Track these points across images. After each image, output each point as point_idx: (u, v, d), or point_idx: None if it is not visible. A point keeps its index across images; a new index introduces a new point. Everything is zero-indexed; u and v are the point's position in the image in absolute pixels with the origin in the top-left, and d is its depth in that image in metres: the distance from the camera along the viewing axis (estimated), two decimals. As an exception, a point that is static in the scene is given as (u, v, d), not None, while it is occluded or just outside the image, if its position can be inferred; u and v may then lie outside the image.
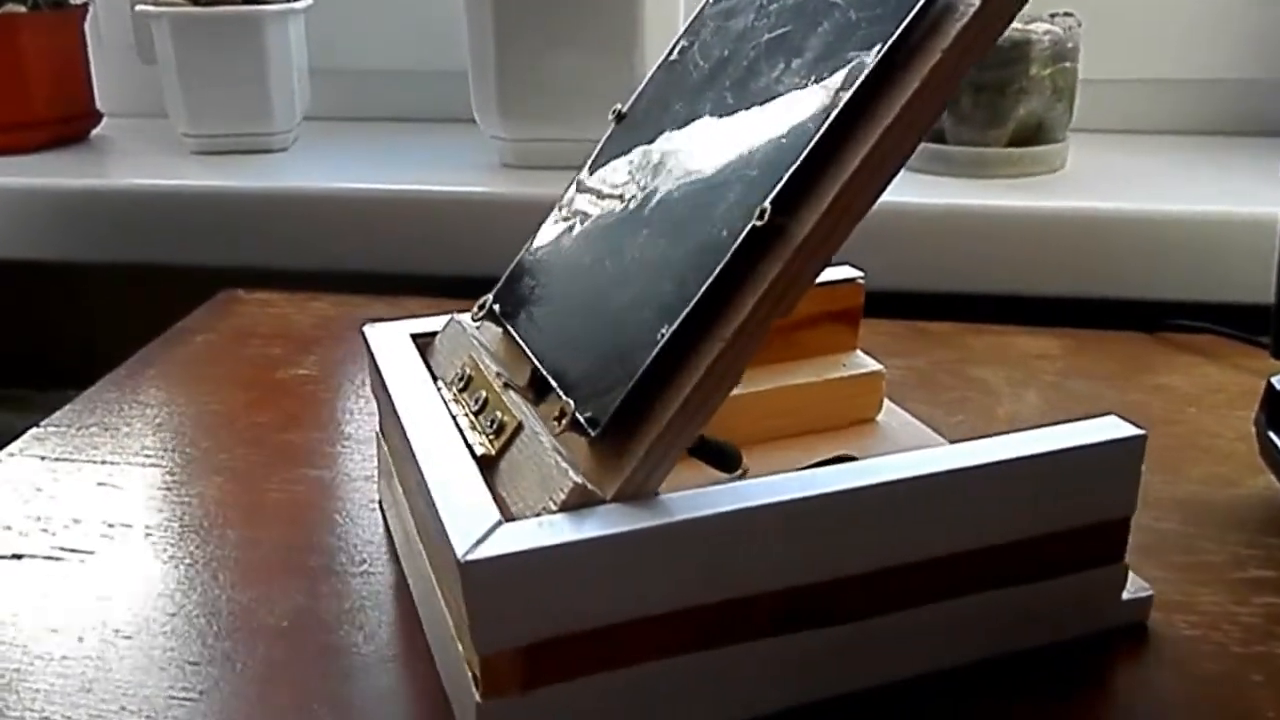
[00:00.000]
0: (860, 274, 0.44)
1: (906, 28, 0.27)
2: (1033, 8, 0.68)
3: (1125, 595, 0.35)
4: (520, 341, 0.34)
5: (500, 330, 0.36)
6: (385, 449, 0.39)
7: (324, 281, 0.69)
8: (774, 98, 0.30)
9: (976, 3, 0.27)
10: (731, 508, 0.28)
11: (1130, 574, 0.35)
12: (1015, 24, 0.69)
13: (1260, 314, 0.64)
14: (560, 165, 0.71)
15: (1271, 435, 0.42)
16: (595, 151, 0.37)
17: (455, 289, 0.67)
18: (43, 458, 0.45)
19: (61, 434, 0.47)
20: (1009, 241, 0.65)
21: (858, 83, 0.28)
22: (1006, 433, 0.32)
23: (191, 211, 0.69)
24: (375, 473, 0.43)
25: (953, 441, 0.42)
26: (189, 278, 0.68)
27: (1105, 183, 0.68)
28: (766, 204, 0.28)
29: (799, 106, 0.29)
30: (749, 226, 0.28)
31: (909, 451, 0.31)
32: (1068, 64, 0.69)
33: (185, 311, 0.61)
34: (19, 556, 0.38)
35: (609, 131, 0.37)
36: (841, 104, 0.28)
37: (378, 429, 0.40)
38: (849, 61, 0.28)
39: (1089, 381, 0.54)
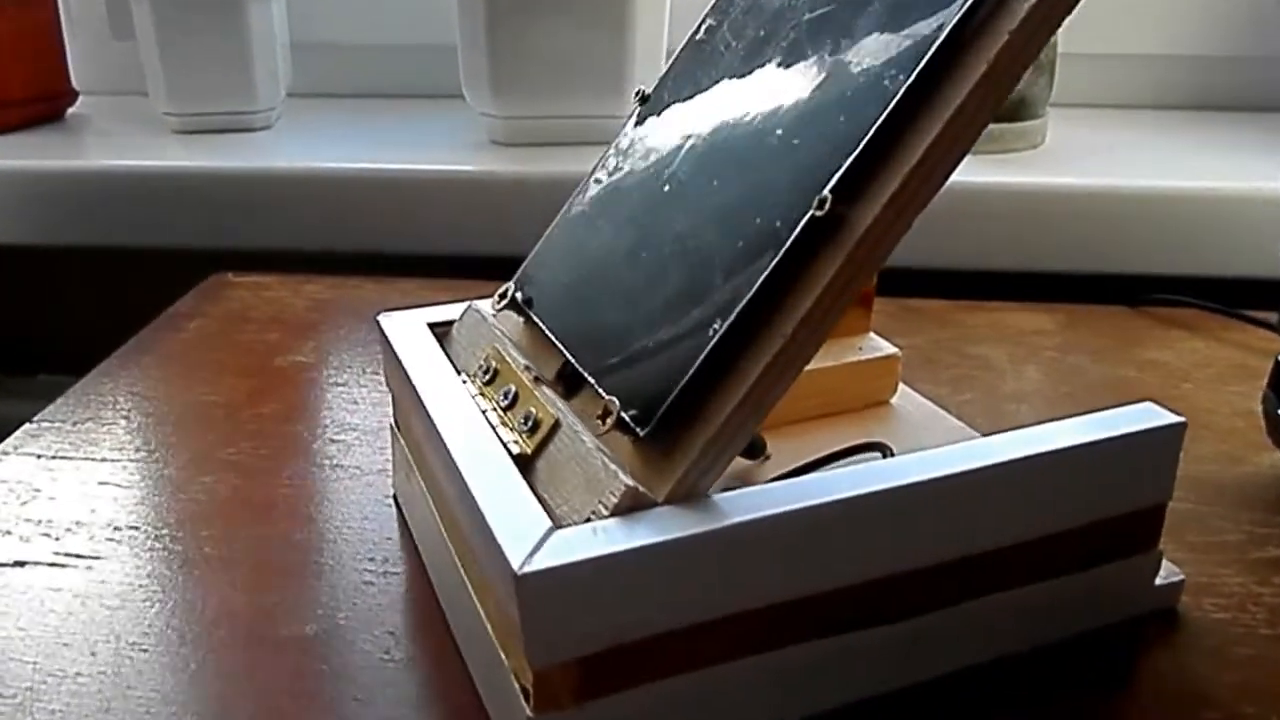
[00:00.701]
0: (875, 256, 0.42)
1: (970, 8, 0.25)
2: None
3: (1158, 580, 0.33)
4: (549, 333, 0.32)
5: (522, 320, 0.34)
6: (403, 443, 0.36)
7: (313, 262, 0.66)
8: (824, 80, 0.28)
9: (1048, -22, 0.24)
10: (789, 508, 0.26)
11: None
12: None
13: (1235, 287, 0.63)
14: (551, 142, 0.68)
15: (1284, 414, 0.40)
16: (620, 133, 0.35)
17: (448, 268, 0.64)
18: (39, 455, 0.41)
19: (57, 429, 0.43)
20: (989, 217, 0.63)
21: (920, 65, 0.25)
22: (1048, 420, 0.30)
23: (174, 193, 0.65)
24: (388, 465, 0.41)
25: (966, 422, 0.41)
26: (172, 261, 0.64)
27: (1083, 158, 0.67)
28: (827, 193, 0.25)
29: (854, 90, 0.27)
30: (808, 216, 0.25)
31: (953, 444, 0.29)
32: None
33: (169, 296, 0.57)
34: (21, 564, 0.35)
35: (633, 112, 0.35)
36: (904, 88, 0.25)
37: (391, 421, 0.38)
38: (907, 43, 0.26)
39: (1085, 357, 0.52)
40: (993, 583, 0.30)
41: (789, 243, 0.26)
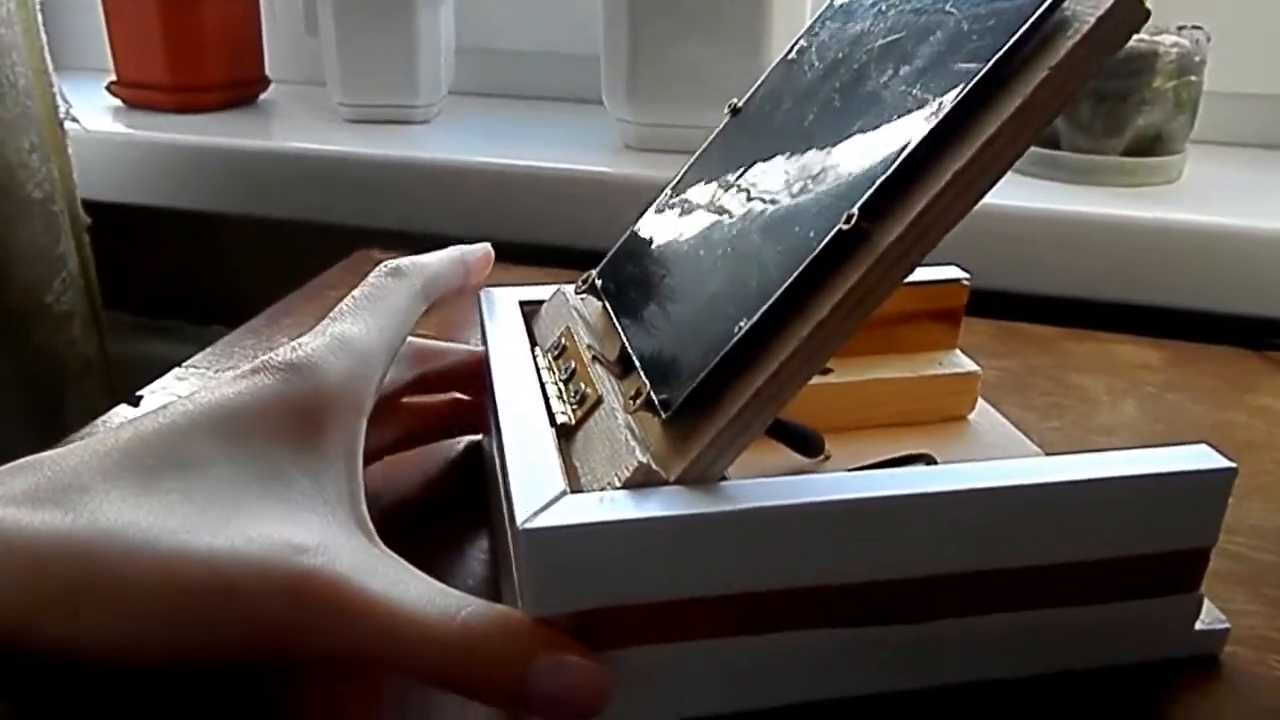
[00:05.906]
0: (965, 275, 0.42)
1: (1016, 42, 0.25)
2: (1161, 19, 0.64)
3: (1199, 626, 0.32)
4: (614, 318, 0.33)
5: (600, 305, 0.35)
6: (489, 409, 0.38)
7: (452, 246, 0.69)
8: (878, 104, 0.28)
9: (1091, 20, 0.24)
10: (786, 501, 0.26)
11: (1208, 605, 0.31)
12: (1142, 34, 0.65)
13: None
14: (679, 149, 0.70)
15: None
16: (706, 142, 0.36)
17: (573, 260, 0.66)
18: (177, 395, 0.45)
19: (200, 375, 0.48)
20: (1116, 249, 0.61)
21: (959, 96, 0.25)
22: (1101, 449, 0.30)
23: (338, 174, 0.70)
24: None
25: (1045, 449, 0.39)
26: (331, 235, 0.68)
27: (1219, 196, 0.64)
28: (855, 209, 0.26)
29: (900, 115, 0.27)
30: (835, 230, 0.26)
31: (992, 460, 0.29)
32: (1193, 77, 0.64)
33: (324, 265, 0.62)
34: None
35: (723, 124, 0.36)
36: (941, 116, 0.26)
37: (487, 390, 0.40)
38: (954, 73, 0.26)
39: (1189, 396, 0.50)
40: (1012, 600, 0.29)
41: (816, 252, 0.26)
